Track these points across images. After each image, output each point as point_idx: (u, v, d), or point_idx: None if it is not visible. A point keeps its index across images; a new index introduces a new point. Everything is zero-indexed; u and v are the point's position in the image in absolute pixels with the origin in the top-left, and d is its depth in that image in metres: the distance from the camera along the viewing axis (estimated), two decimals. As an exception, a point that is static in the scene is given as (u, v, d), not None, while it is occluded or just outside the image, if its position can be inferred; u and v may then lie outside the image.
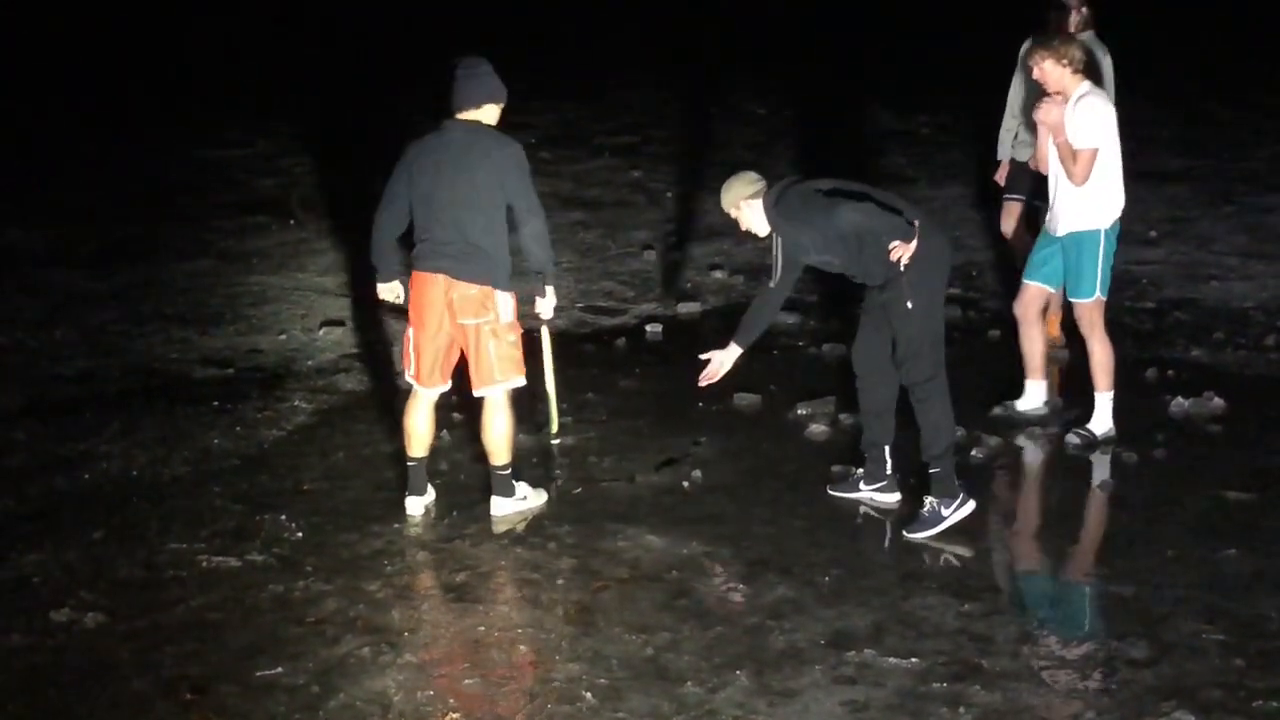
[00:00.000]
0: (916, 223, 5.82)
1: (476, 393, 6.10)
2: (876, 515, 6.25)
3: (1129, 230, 10.40)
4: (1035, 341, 7.18)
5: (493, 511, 6.18)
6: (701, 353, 6.34)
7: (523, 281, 6.17)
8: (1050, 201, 6.95)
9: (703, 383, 6.32)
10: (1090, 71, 6.96)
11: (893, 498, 6.29)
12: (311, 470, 6.68)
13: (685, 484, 6.52)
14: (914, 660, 5.07)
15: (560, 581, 5.66)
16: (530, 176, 5.94)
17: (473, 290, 5.90)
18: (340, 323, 8.62)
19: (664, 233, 10.63)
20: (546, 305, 6.18)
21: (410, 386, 6.18)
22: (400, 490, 6.31)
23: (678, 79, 15.83)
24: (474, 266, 5.88)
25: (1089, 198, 6.75)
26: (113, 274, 9.49)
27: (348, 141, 13.26)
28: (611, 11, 18.49)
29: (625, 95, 15.15)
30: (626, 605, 5.48)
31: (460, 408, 7.33)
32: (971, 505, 6.04)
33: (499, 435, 6.14)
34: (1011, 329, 7.48)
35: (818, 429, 7.13)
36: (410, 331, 6.07)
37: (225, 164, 12.34)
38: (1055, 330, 8.16)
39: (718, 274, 9.71)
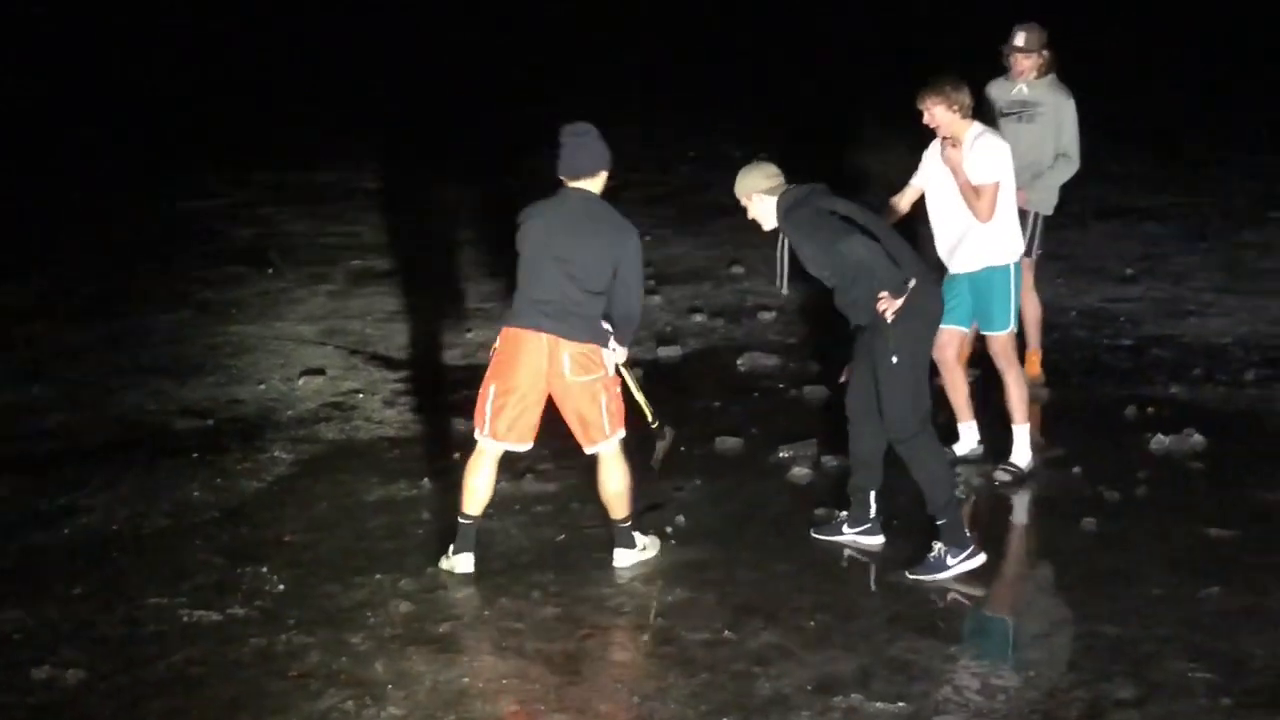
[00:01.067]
0: (911, 284, 5.84)
1: (590, 450, 6.06)
2: (861, 559, 6.24)
3: (1107, 267, 10.55)
4: (958, 385, 7.18)
5: (616, 564, 6.12)
6: (681, 397, 6.28)
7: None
8: (948, 244, 6.93)
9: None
10: (984, 115, 7.01)
11: (876, 541, 6.29)
12: (293, 521, 6.64)
13: (669, 529, 6.50)
14: (902, 704, 5.05)
15: (544, 630, 5.63)
16: (641, 257, 5.98)
17: (584, 349, 5.89)
18: (320, 372, 8.59)
19: (644, 275, 10.62)
20: (617, 355, 6.11)
21: (480, 443, 6.03)
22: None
23: (656, 123, 15.90)
24: (578, 325, 5.86)
25: (996, 234, 6.83)
26: (91, 327, 9.45)
27: (324, 190, 13.28)
28: (587, 57, 18.59)
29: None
30: (612, 653, 5.46)
31: (441, 456, 7.32)
32: (982, 558, 6.01)
33: (618, 489, 6.08)
34: (985, 370, 7.48)
35: (800, 472, 7.12)
36: (492, 387, 5.94)
37: (202, 214, 12.33)
38: (1036, 369, 8.18)
39: (698, 317, 9.71)
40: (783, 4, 20.63)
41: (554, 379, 5.89)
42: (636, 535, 6.20)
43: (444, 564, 6.12)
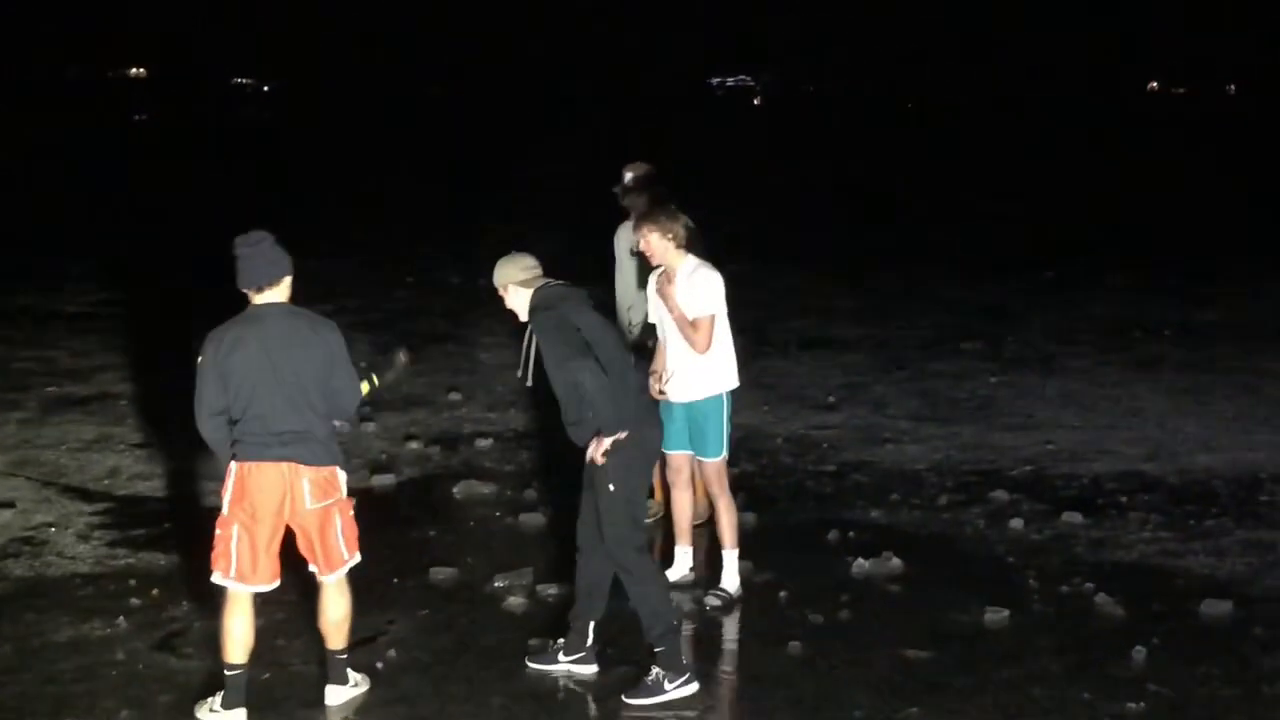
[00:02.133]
0: (628, 431, 5.94)
1: (327, 578, 5.84)
2: (576, 688, 6.20)
3: (810, 396, 10.96)
4: (683, 507, 7.32)
5: (328, 702, 5.90)
6: (395, 526, 6.21)
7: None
8: (666, 372, 7.05)
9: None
10: (694, 246, 7.17)
11: (590, 670, 6.27)
12: (-27, 666, 6.21)
13: (379, 664, 6.34)
14: (613, 837, 5.01)
15: (247, 775, 5.39)
16: (347, 353, 5.87)
17: (324, 473, 5.70)
18: (9, 504, 8.13)
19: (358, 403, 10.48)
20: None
21: (230, 589, 5.70)
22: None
23: (372, 248, 15.84)
24: (317, 449, 5.68)
25: (709, 366, 7.02)
26: None
27: (19, 313, 12.73)
28: (297, 187, 18.44)
29: (322, 263, 15.04)
30: (317, 797, 5.25)
31: (138, 592, 6.99)
32: (695, 686, 6.04)
33: (340, 616, 5.91)
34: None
35: (516, 601, 7.07)
36: (234, 528, 5.64)
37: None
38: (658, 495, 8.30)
39: (413, 444, 9.63)
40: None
41: (293, 507, 5.69)
42: (349, 671, 6.03)
43: (206, 718, 5.76)
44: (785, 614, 7.01)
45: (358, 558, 5.96)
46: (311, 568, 5.92)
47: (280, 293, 5.77)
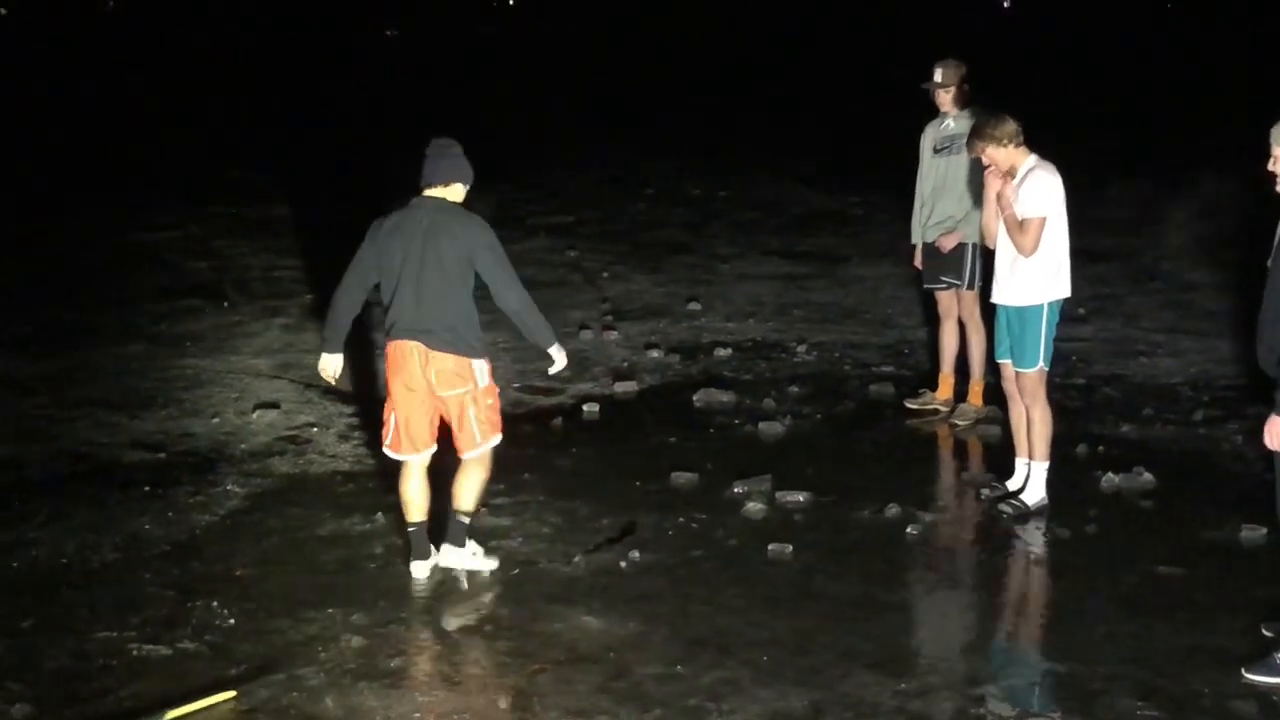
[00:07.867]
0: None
1: (463, 456, 6.24)
2: (811, 594, 6.23)
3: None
4: (1022, 418, 7.18)
5: (440, 560, 6.30)
6: (637, 432, 6.31)
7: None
8: (999, 273, 7.03)
9: None
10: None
11: None
12: (244, 555, 6.59)
13: (623, 564, 6.49)
14: (852, 740, 5.05)
15: (497, 665, 5.61)
16: (502, 252, 6.15)
17: (449, 362, 6.05)
18: (274, 405, 8.55)
19: (600, 312, 10.68)
20: (556, 366, 6.45)
21: (394, 459, 6.28)
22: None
23: (614, 161, 15.98)
24: (447, 339, 6.05)
25: (1033, 271, 6.85)
26: (42, 359, 9.39)
27: (280, 223, 13.26)
28: (547, 97, 18.68)
29: (562, 177, 15.28)
30: (564, 688, 5.43)
31: (395, 491, 7.28)
32: None
33: (473, 485, 6.28)
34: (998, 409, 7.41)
35: (754, 507, 7.13)
36: (393, 404, 6.16)
37: (157, 247, 12.29)
38: (979, 400, 8.27)
39: (653, 353, 9.74)
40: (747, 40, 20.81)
41: (431, 391, 6.09)
42: (470, 540, 6.35)
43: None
44: (1031, 525, 6.90)
45: (495, 440, 6.26)
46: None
47: (450, 194, 6.19)
